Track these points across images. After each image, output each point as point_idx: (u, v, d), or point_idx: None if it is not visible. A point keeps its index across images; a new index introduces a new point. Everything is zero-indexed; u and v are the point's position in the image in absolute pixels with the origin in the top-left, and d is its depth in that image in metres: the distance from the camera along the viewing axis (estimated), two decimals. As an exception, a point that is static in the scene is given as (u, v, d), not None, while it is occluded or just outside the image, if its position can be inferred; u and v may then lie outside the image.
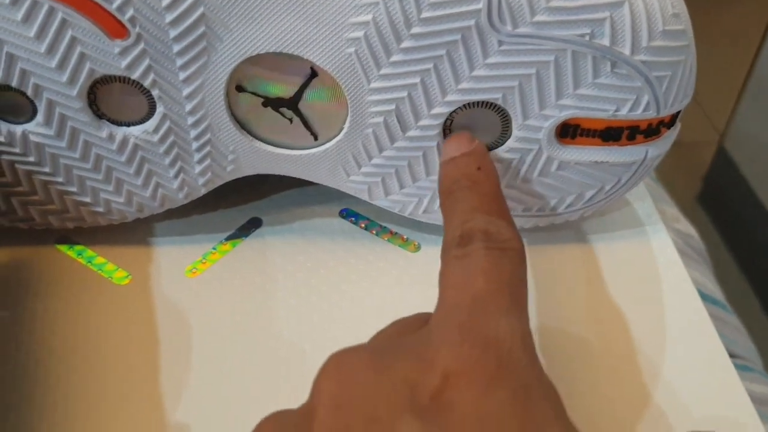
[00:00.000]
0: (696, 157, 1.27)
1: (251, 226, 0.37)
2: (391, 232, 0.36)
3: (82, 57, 0.29)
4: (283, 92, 0.31)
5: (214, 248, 0.35)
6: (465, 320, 0.23)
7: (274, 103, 0.32)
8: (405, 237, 0.36)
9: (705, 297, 0.37)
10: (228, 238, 0.36)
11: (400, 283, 0.35)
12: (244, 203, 0.37)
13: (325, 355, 0.24)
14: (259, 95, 0.31)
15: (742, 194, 1.20)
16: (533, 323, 0.32)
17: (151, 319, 0.33)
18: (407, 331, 0.26)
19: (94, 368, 0.31)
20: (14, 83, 0.30)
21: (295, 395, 0.25)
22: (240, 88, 0.31)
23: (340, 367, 0.23)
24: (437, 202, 0.34)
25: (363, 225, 0.37)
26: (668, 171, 0.35)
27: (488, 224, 0.27)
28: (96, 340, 0.32)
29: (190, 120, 0.31)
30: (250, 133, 0.32)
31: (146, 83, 0.30)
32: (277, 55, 0.30)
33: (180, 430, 0.29)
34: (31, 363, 0.31)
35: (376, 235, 0.36)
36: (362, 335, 0.32)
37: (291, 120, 0.32)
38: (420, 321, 0.27)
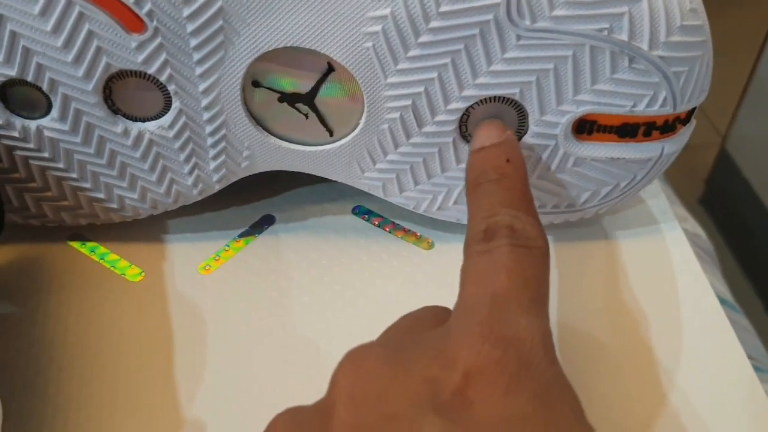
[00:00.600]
0: (698, 159, 1.27)
1: (264, 223, 0.36)
2: (404, 230, 0.36)
3: (99, 51, 0.29)
4: (299, 87, 0.31)
5: (227, 245, 0.35)
6: (485, 318, 0.23)
7: (290, 99, 0.31)
8: (418, 234, 0.36)
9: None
10: (241, 235, 0.36)
11: (413, 280, 0.34)
12: (257, 200, 0.37)
13: (339, 352, 0.24)
14: (275, 90, 0.31)
15: (745, 196, 1.20)
16: (548, 320, 0.32)
17: (165, 315, 0.33)
18: (420, 327, 0.26)
19: (108, 365, 0.31)
20: (30, 78, 0.30)
21: (308, 392, 0.25)
22: (256, 84, 0.31)
23: (358, 363, 0.23)
24: (452, 199, 0.33)
25: (376, 222, 0.37)
26: (670, 173, 0.35)
27: (514, 220, 0.26)
28: (109, 336, 0.32)
29: (206, 115, 0.31)
30: (265, 128, 0.32)
31: (162, 78, 0.30)
32: (293, 50, 0.30)
33: (194, 426, 0.29)
34: (44, 360, 0.31)
35: (389, 232, 0.36)
36: (376, 332, 0.32)
37: (307, 116, 0.32)
38: (431, 315, 0.26)
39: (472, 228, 0.27)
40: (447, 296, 0.34)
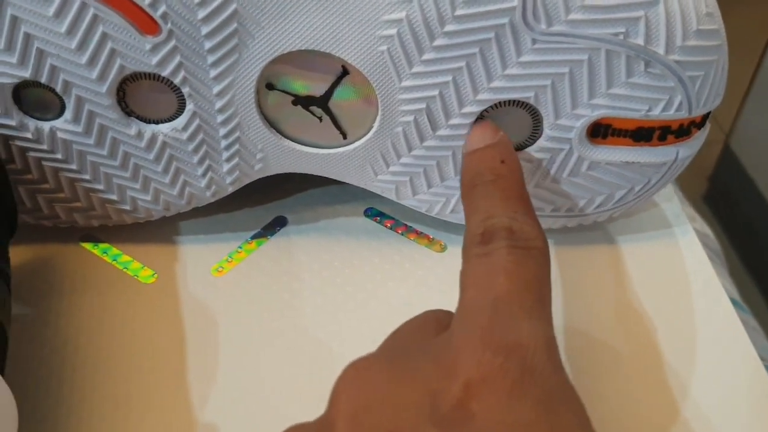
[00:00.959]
0: (702, 157, 1.27)
1: (276, 224, 0.36)
2: (416, 232, 0.36)
3: (113, 53, 0.29)
4: (313, 90, 0.31)
5: (239, 247, 0.35)
6: (486, 324, 0.23)
7: (304, 102, 0.31)
8: (431, 237, 0.36)
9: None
10: (253, 237, 0.36)
11: (425, 283, 0.34)
12: (269, 202, 0.37)
13: (350, 354, 0.24)
14: (289, 93, 0.31)
15: (749, 194, 1.20)
16: (560, 325, 0.32)
17: (178, 317, 0.33)
18: (423, 333, 0.25)
19: (121, 366, 0.31)
20: (43, 79, 0.30)
21: (321, 394, 0.25)
22: (270, 86, 0.31)
23: (358, 377, 0.23)
24: (466, 202, 0.33)
25: (388, 224, 0.37)
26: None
27: (512, 221, 0.26)
28: (122, 338, 0.32)
29: (220, 118, 0.31)
30: (278, 131, 0.32)
31: (176, 80, 0.30)
32: (308, 53, 0.30)
33: (207, 427, 0.29)
34: (57, 361, 0.31)
35: (402, 234, 0.36)
36: (387, 334, 0.32)
37: (320, 118, 0.32)
38: (433, 320, 0.26)
39: (470, 231, 0.27)
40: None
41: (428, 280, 0.35)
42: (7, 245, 0.30)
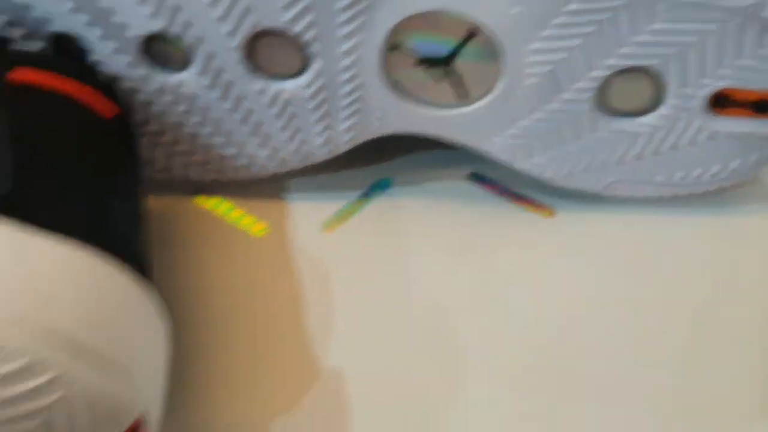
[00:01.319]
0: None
1: (381, 186, 0.37)
2: (522, 198, 0.36)
3: (247, 9, 0.30)
4: (438, 51, 0.31)
5: (346, 206, 0.36)
6: None
7: (427, 62, 0.32)
8: (538, 201, 0.36)
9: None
10: (359, 197, 0.36)
11: (533, 248, 0.35)
12: (374, 163, 0.38)
13: (457, 314, 0.27)
14: (413, 54, 0.31)
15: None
16: (658, 297, 0.32)
17: (291, 271, 0.33)
18: None
19: (237, 318, 0.32)
20: (175, 33, 0.30)
21: (432, 347, 0.28)
22: (394, 46, 0.31)
23: None
24: (581, 167, 0.34)
25: (493, 189, 0.37)
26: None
27: None
28: (236, 290, 0.33)
29: (344, 77, 0.31)
30: (399, 91, 0.32)
31: (307, 37, 0.30)
32: (437, 13, 0.30)
33: (333, 373, 0.30)
34: (171, 313, 0.31)
35: (508, 199, 0.37)
36: (495, 296, 0.33)
37: (443, 79, 0.32)
38: None
39: None
40: (569, 265, 0.34)
41: (536, 245, 0.35)
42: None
